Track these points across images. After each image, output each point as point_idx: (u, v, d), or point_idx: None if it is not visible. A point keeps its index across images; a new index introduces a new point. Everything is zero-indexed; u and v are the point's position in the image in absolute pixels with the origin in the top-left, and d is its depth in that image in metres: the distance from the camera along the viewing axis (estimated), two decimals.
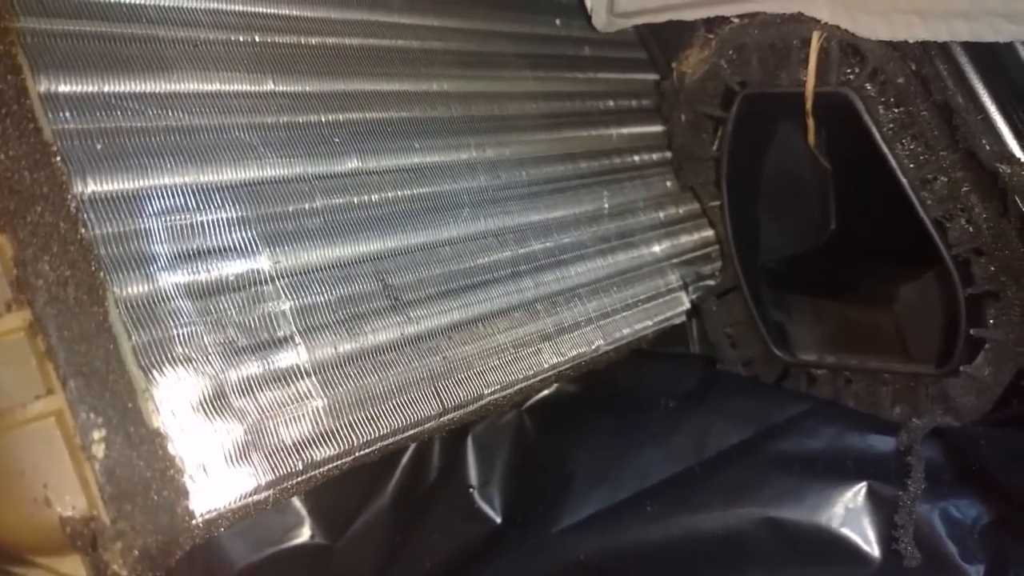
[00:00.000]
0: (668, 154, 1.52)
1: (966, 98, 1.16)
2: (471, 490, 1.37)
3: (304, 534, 1.28)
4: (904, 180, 1.25)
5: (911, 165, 1.24)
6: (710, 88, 1.37)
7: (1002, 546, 1.13)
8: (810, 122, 1.30)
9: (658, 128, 1.54)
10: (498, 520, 1.33)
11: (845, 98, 1.25)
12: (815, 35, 1.23)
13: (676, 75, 1.40)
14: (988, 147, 1.16)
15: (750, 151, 1.43)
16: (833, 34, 1.23)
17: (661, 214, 1.47)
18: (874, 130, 1.24)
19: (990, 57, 1.14)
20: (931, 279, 1.36)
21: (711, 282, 1.49)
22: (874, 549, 1.17)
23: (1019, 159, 1.14)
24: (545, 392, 1.37)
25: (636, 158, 1.47)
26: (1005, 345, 1.27)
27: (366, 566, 1.29)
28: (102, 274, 0.80)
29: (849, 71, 1.24)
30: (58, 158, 0.80)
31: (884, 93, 1.23)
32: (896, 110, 1.23)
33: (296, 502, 1.28)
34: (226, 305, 0.89)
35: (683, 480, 1.27)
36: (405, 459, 1.32)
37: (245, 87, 1.00)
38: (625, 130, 1.47)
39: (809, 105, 1.27)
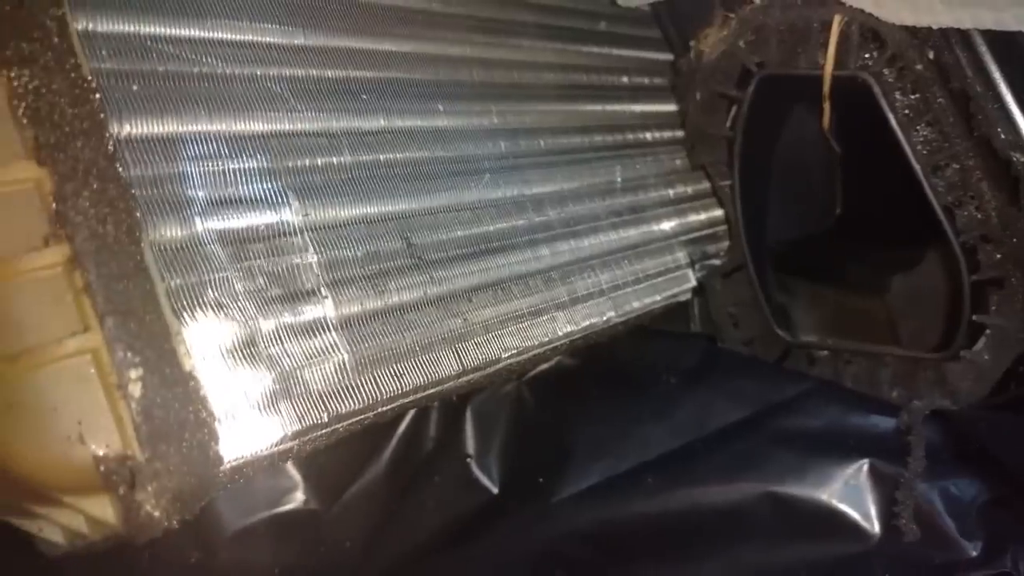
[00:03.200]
0: (679, 133, 1.53)
1: (984, 86, 1.18)
2: (468, 460, 1.37)
3: (297, 499, 1.27)
4: (917, 166, 1.27)
5: (924, 151, 1.26)
6: (727, 68, 1.38)
7: (1000, 524, 1.16)
8: (826, 106, 1.31)
9: (670, 107, 1.55)
10: (495, 490, 1.33)
11: (863, 83, 1.26)
12: (836, 18, 1.24)
13: (693, 53, 1.41)
14: (1003, 136, 1.18)
15: (763, 133, 1.44)
16: (854, 18, 1.24)
17: (671, 192, 1.48)
18: (890, 115, 1.26)
19: (1010, 47, 1.16)
20: (933, 265, 1.38)
21: (716, 261, 1.51)
22: (874, 525, 1.19)
23: None
24: (545, 365, 1.37)
25: (648, 135, 1.48)
26: (1006, 331, 1.29)
27: (359, 533, 1.28)
28: (139, 214, 0.79)
29: (868, 56, 1.26)
30: (97, 95, 0.79)
31: (902, 79, 1.25)
32: (913, 96, 1.25)
33: (290, 467, 1.27)
34: (257, 254, 0.89)
35: (684, 455, 1.27)
36: (402, 427, 1.31)
37: (277, 39, 1.00)
38: (638, 107, 1.48)
39: (827, 88, 1.28)
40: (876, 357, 1.42)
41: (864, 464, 1.21)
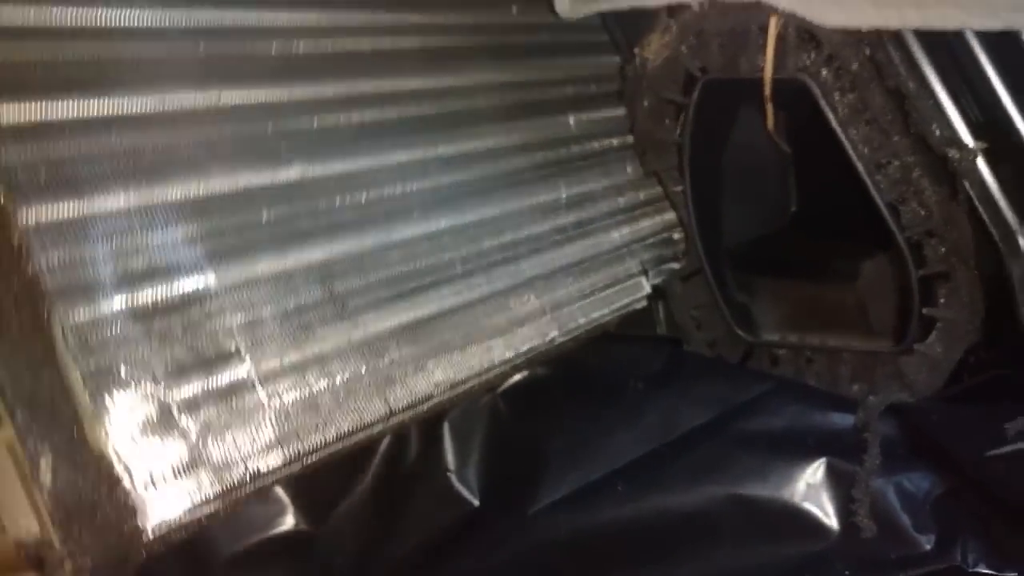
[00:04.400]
0: (629, 139, 1.53)
1: (917, 84, 1.19)
2: (449, 473, 1.40)
3: (288, 522, 1.32)
4: (859, 164, 1.28)
5: (865, 149, 1.28)
6: (671, 74, 1.40)
7: (952, 517, 1.18)
8: (769, 108, 1.33)
9: (618, 112, 1.53)
10: (476, 502, 1.37)
11: (802, 84, 1.28)
12: (772, 21, 1.25)
13: (638, 60, 1.42)
14: (938, 132, 1.19)
15: (712, 136, 1.46)
16: (790, 21, 1.25)
17: (621, 200, 1.47)
18: (830, 115, 1.27)
19: (940, 45, 1.17)
20: (885, 260, 1.40)
21: (674, 265, 1.52)
22: (833, 522, 1.22)
23: (967, 145, 1.18)
24: (518, 376, 1.40)
25: (596, 144, 1.46)
26: (956, 323, 1.31)
27: (349, 551, 1.33)
28: (48, 304, 0.79)
29: (806, 57, 1.27)
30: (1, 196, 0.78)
31: (839, 79, 1.26)
32: (851, 95, 1.26)
33: (279, 491, 1.30)
34: (172, 324, 0.88)
35: (652, 460, 1.31)
36: (384, 445, 1.35)
37: (194, 102, 0.97)
38: (584, 116, 1.46)
39: (768, 91, 1.29)
40: (835, 353, 1.44)
41: (822, 463, 1.24)
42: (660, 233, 1.50)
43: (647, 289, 1.44)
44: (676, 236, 1.53)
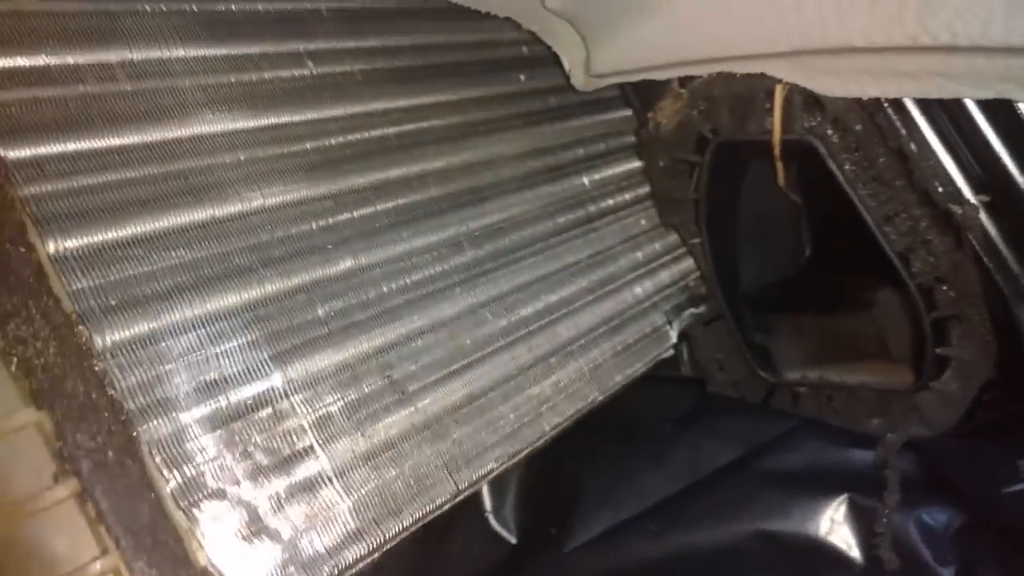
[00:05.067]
0: (641, 191, 1.59)
1: (918, 145, 1.25)
2: (487, 514, 1.49)
3: None
4: (868, 217, 1.34)
5: (873, 204, 1.33)
6: (684, 136, 1.46)
7: (971, 549, 1.25)
8: (779, 166, 1.39)
9: (629, 166, 1.59)
10: (513, 541, 1.45)
11: (809, 144, 1.34)
12: (778, 88, 1.32)
13: (652, 124, 1.48)
14: (941, 189, 1.25)
15: (726, 191, 1.52)
16: (795, 87, 1.31)
17: (639, 254, 1.53)
18: (838, 173, 1.33)
19: (939, 107, 1.23)
20: (898, 303, 1.46)
21: (695, 310, 1.59)
22: (857, 555, 1.28)
23: (969, 200, 1.23)
24: None
25: (611, 201, 1.53)
26: (969, 363, 1.37)
27: None
28: (134, 429, 0.86)
29: (811, 120, 1.33)
30: (80, 327, 0.85)
31: (845, 139, 1.32)
32: (856, 155, 1.32)
33: None
34: (248, 429, 0.94)
35: (680, 499, 1.38)
36: None
37: (237, 207, 1.03)
38: (597, 175, 1.53)
39: (777, 151, 1.36)
40: (854, 390, 1.50)
41: (844, 499, 1.31)
42: (679, 282, 1.56)
43: (673, 338, 1.51)
44: (693, 283, 1.59)
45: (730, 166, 1.48)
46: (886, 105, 1.26)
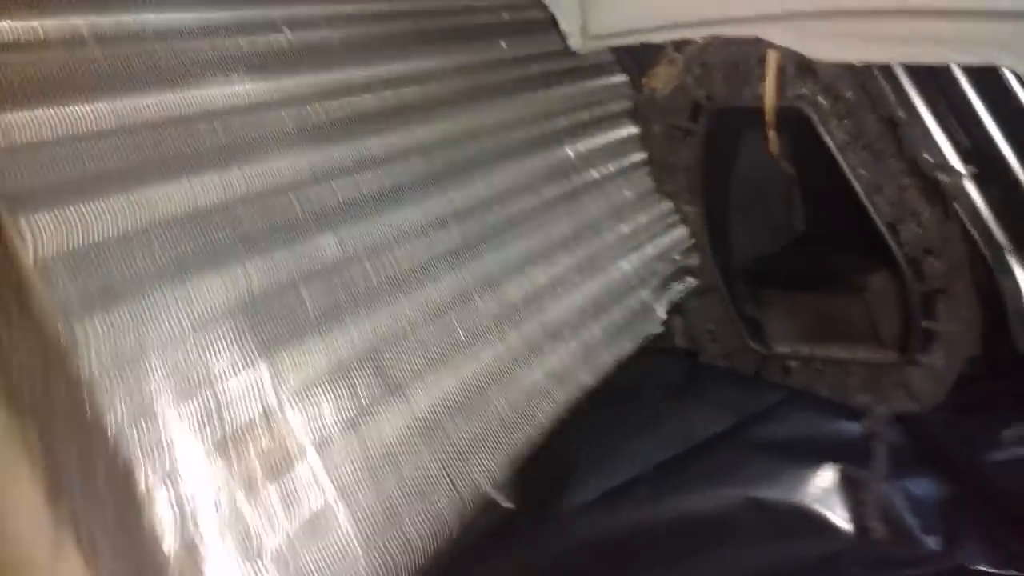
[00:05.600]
0: (626, 161, 1.54)
1: (907, 113, 1.25)
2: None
3: None
4: (858, 186, 1.34)
5: (863, 172, 1.34)
6: (679, 102, 1.47)
7: (956, 518, 1.25)
8: (771, 133, 1.40)
9: (613, 136, 1.53)
10: (511, 507, 1.47)
11: (801, 111, 1.35)
12: (771, 55, 1.33)
13: (647, 90, 1.50)
14: (929, 158, 1.25)
15: (721, 160, 1.53)
16: (788, 53, 1.32)
17: (624, 227, 1.47)
18: (829, 141, 1.34)
19: (928, 75, 1.23)
20: (887, 276, 1.46)
21: (681, 285, 1.59)
22: (845, 524, 1.29)
23: (956, 169, 1.24)
24: None
25: (594, 172, 1.46)
26: (955, 336, 1.37)
27: None
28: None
29: (803, 87, 1.34)
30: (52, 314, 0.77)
31: (836, 107, 1.33)
32: (847, 122, 1.33)
33: None
34: (239, 434, 0.87)
35: (672, 466, 1.39)
36: None
37: (214, 179, 0.94)
38: (581, 145, 1.46)
39: (770, 118, 1.37)
40: (844, 364, 1.51)
41: (834, 469, 1.31)
42: (665, 255, 1.53)
43: (662, 315, 1.48)
44: (681, 256, 1.58)
45: (725, 133, 1.49)
46: (877, 73, 1.27)
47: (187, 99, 0.96)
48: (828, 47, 1.24)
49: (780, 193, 1.64)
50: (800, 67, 1.34)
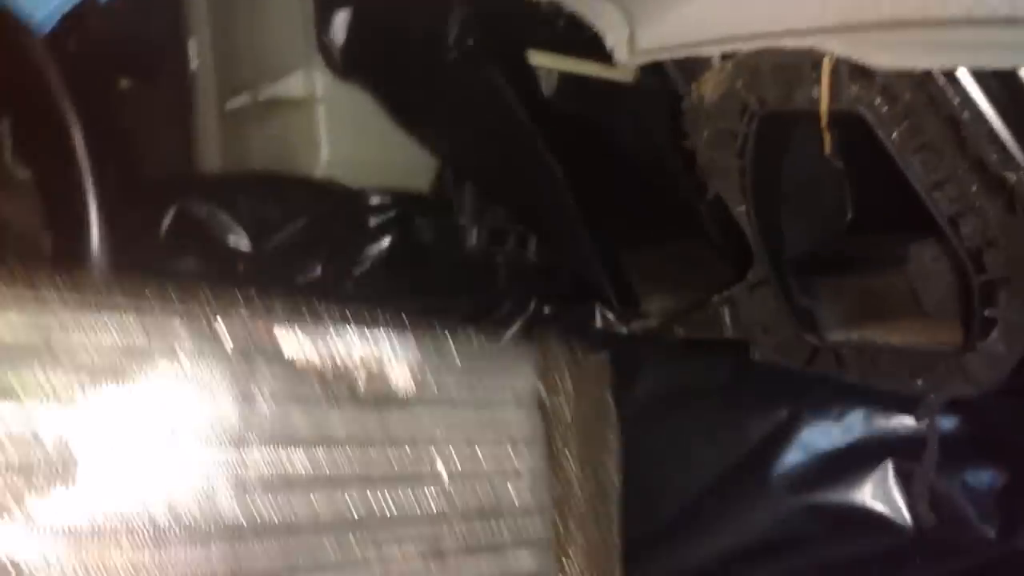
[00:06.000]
0: None
1: (971, 113, 1.25)
2: None
3: None
4: (917, 184, 1.35)
5: (922, 171, 1.34)
6: (728, 107, 1.46)
7: (1014, 507, 1.29)
8: (826, 136, 1.39)
9: None
10: None
11: (857, 114, 1.34)
12: (825, 60, 1.31)
13: (695, 96, 1.48)
14: (995, 157, 1.25)
15: (771, 159, 1.53)
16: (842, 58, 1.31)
17: None
18: (886, 142, 1.34)
19: (991, 77, 1.23)
20: (932, 260, 1.47)
21: None
22: (903, 517, 1.33)
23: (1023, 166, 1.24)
24: None
25: None
26: (1017, 324, 1.39)
27: None
28: None
29: (859, 90, 1.33)
30: None
31: (893, 108, 1.32)
32: (905, 123, 1.33)
33: None
34: None
35: (732, 476, 1.41)
36: None
37: None
38: None
39: (824, 122, 1.36)
40: (897, 351, 1.53)
41: (889, 462, 1.34)
42: None
43: None
44: None
45: (775, 135, 1.48)
46: (937, 74, 1.26)
47: None
48: (888, 56, 1.23)
49: (831, 187, 1.64)
50: (855, 70, 1.33)
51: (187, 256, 1.64)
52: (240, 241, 1.70)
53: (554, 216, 1.80)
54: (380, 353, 1.11)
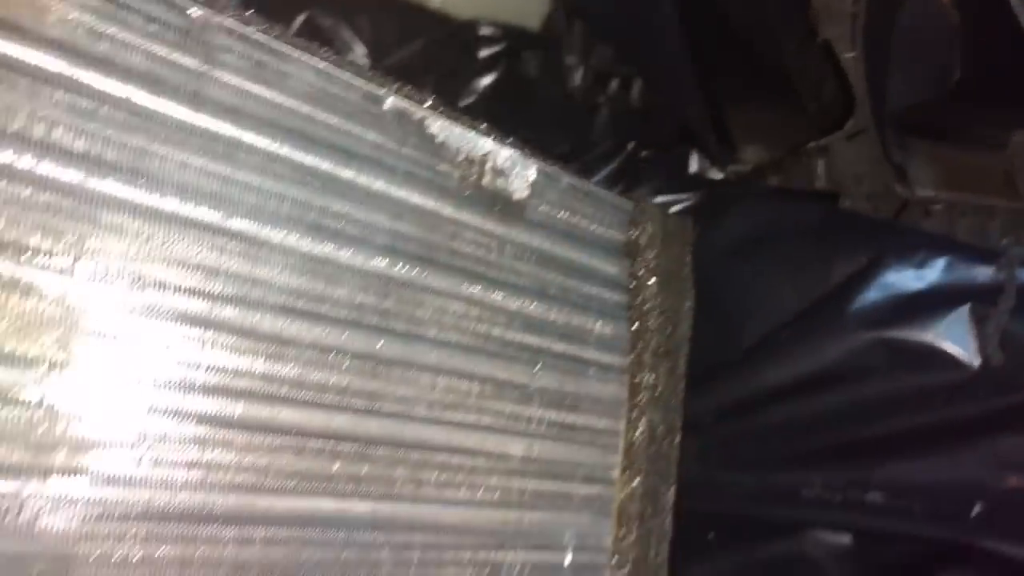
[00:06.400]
0: None
1: None
2: None
3: None
4: None
5: None
6: None
7: None
8: None
9: None
10: None
11: None
12: None
13: None
14: None
15: (886, 7, 1.54)
16: None
17: None
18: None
19: None
20: None
21: None
22: (972, 357, 1.40)
23: None
24: None
25: None
26: None
27: None
28: None
29: None
30: None
31: None
32: None
33: None
34: None
35: (805, 312, 1.49)
36: None
37: None
38: None
39: None
40: (986, 209, 1.57)
41: (965, 307, 1.41)
42: None
43: None
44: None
45: None
46: None
47: None
48: None
49: (942, 43, 1.65)
50: None
51: None
52: (359, 57, 1.78)
53: (662, 58, 1.83)
54: (501, 158, 1.21)
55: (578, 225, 1.30)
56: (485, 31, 1.96)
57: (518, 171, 1.21)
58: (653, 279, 1.38)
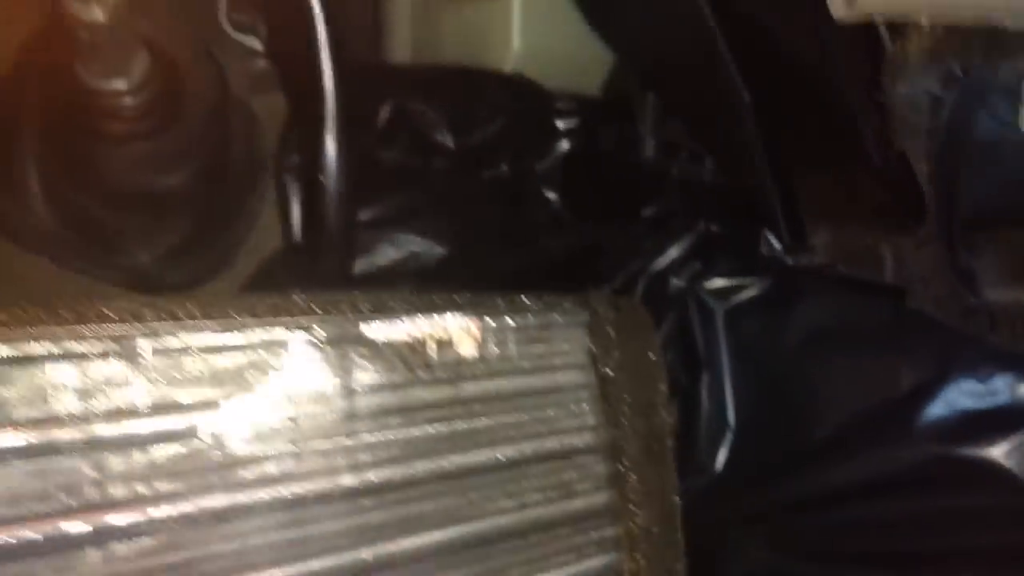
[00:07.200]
0: None
1: None
2: None
3: None
4: None
5: None
6: (932, 70, 1.49)
7: None
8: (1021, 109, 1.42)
9: None
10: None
11: None
12: None
13: (899, 53, 1.51)
14: None
15: (963, 125, 1.56)
16: None
17: None
18: None
19: None
20: None
21: None
22: None
23: None
24: None
25: None
26: None
27: None
28: None
29: None
30: None
31: None
32: None
33: None
34: None
35: (873, 416, 1.52)
36: None
37: None
38: None
39: None
40: None
41: None
42: None
43: None
44: None
45: (971, 102, 1.50)
46: None
47: None
48: None
49: (1014, 156, 1.66)
50: None
51: (394, 149, 1.78)
52: (445, 137, 1.82)
53: (733, 134, 1.84)
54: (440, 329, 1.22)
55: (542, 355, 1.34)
56: (560, 104, 2.00)
57: (461, 333, 1.24)
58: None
